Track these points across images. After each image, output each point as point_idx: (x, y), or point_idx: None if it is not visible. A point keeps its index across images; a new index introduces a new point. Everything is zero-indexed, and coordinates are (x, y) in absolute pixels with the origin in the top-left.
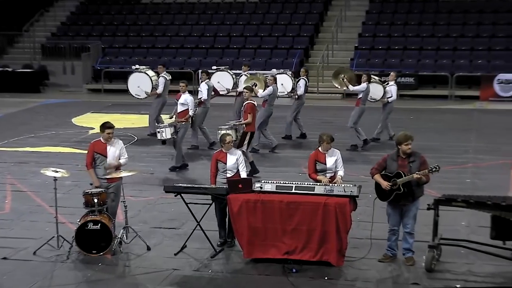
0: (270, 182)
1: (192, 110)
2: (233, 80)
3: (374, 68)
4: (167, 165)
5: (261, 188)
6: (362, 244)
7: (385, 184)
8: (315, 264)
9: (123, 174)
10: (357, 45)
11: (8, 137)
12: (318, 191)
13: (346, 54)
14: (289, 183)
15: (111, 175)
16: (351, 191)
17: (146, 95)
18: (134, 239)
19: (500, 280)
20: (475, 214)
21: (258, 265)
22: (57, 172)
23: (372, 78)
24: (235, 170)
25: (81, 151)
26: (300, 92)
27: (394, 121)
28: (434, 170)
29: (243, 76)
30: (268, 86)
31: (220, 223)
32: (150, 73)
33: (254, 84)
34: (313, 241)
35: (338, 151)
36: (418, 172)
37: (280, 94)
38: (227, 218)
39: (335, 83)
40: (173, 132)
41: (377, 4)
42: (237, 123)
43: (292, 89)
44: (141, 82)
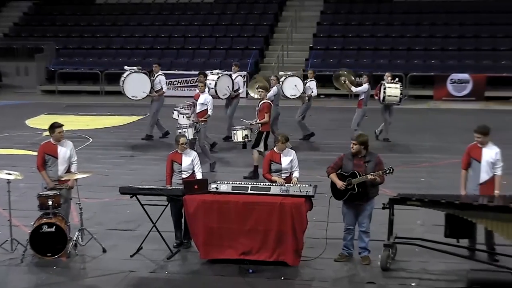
0: (226, 182)
1: (211, 110)
2: (232, 83)
3: (329, 68)
4: (123, 166)
5: (217, 188)
6: (318, 243)
7: (340, 183)
8: (272, 264)
9: (78, 176)
10: (312, 45)
11: None
12: (274, 192)
13: (301, 54)
14: (245, 184)
15: (66, 178)
16: (307, 191)
17: (145, 96)
18: (90, 241)
19: (453, 277)
20: (430, 213)
21: (215, 265)
22: (10, 174)
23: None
24: (191, 171)
25: (35, 153)
26: (314, 93)
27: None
28: (388, 172)
29: (239, 77)
30: (272, 86)
31: (176, 224)
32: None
33: (259, 86)
34: (269, 241)
35: (293, 152)
36: (372, 173)
37: (291, 96)
38: (183, 219)
39: (337, 85)
40: (194, 132)
41: (331, 4)
42: (253, 123)
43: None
44: (140, 83)
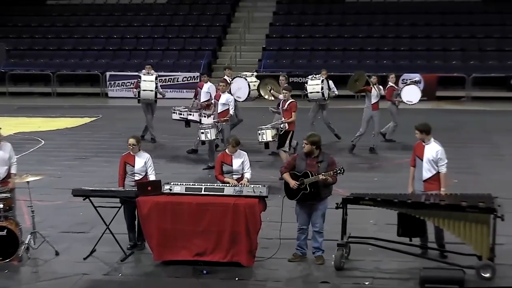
0: (179, 184)
1: (232, 109)
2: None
3: (282, 69)
4: (76, 168)
5: (170, 190)
6: (272, 244)
7: (292, 183)
8: (226, 265)
9: (30, 179)
10: (265, 46)
11: None
12: (228, 192)
13: (254, 55)
14: (198, 185)
15: (18, 180)
16: (260, 192)
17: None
18: (42, 245)
19: (406, 276)
20: (383, 212)
21: (169, 267)
22: None
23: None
24: (143, 173)
25: None
26: (336, 92)
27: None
28: (339, 172)
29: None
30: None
31: (129, 226)
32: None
33: (271, 88)
34: (223, 242)
35: (245, 153)
36: (324, 173)
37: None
38: (137, 221)
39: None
40: (217, 133)
41: (284, 5)
42: (280, 122)
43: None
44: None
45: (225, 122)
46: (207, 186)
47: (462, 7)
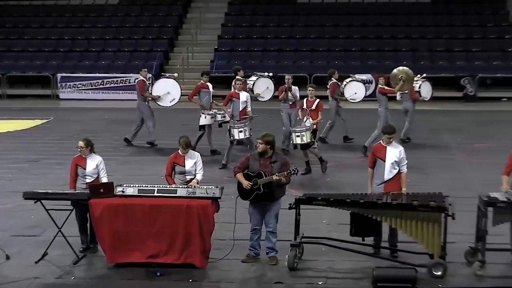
0: (132, 185)
1: (249, 107)
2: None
3: None
4: (27, 171)
5: (123, 192)
6: (226, 245)
7: (245, 183)
8: (179, 266)
9: None
10: (217, 47)
11: None
12: (181, 194)
13: (206, 56)
14: (151, 186)
15: None
16: (213, 193)
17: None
18: None
19: (359, 275)
20: (336, 212)
21: (122, 269)
22: None
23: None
24: (95, 176)
25: None
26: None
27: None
28: (293, 172)
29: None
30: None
31: (81, 229)
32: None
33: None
34: (176, 243)
35: (198, 154)
36: (278, 173)
37: (351, 101)
38: (89, 224)
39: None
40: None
41: (236, 6)
42: (313, 123)
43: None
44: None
45: (245, 120)
46: (160, 187)
47: (412, 8)
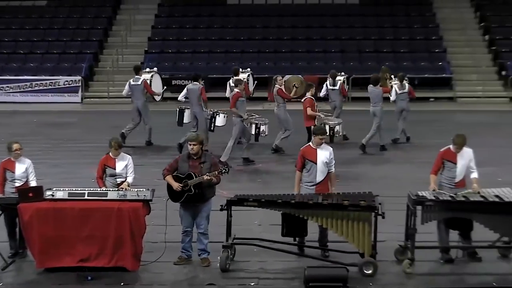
0: (62, 189)
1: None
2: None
3: (165, 71)
4: None
5: (52, 195)
6: (158, 247)
7: (176, 185)
8: (111, 270)
9: None
10: (147, 49)
11: None
12: (111, 197)
13: (136, 58)
14: (81, 190)
15: None
16: (144, 195)
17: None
18: None
19: (291, 275)
20: (267, 213)
21: (52, 274)
22: None
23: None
24: (24, 180)
25: None
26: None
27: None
28: (224, 171)
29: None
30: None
31: (10, 234)
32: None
33: (294, 85)
34: (107, 247)
35: (129, 157)
36: (208, 173)
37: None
38: (18, 228)
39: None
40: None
41: (166, 7)
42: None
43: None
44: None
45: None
46: (91, 191)
47: (341, 10)
